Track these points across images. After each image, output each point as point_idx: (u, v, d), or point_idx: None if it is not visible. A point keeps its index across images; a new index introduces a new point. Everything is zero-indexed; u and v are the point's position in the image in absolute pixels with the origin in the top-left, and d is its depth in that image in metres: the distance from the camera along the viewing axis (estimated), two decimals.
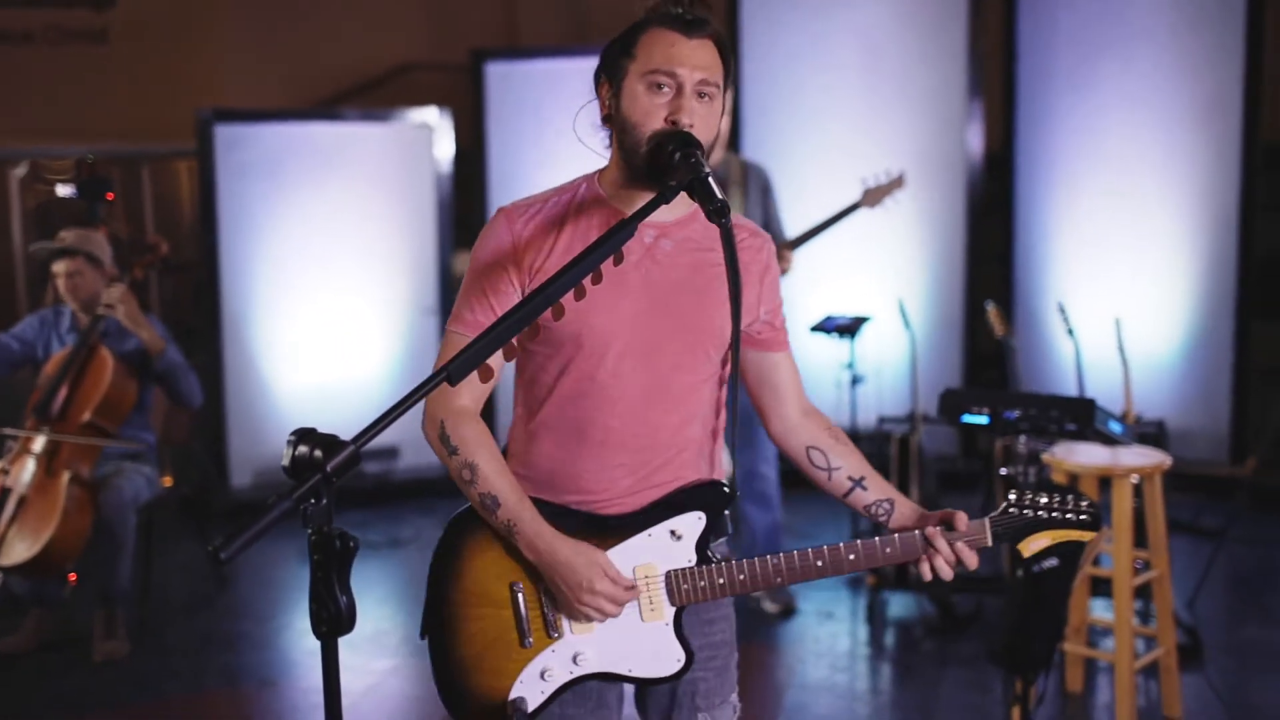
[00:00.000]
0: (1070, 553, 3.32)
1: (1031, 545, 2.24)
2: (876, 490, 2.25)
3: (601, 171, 2.20)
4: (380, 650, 4.85)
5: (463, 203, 7.45)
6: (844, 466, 2.26)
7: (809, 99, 7.17)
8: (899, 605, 5.23)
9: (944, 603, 5.01)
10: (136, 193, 8.57)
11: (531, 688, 2.15)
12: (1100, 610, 4.59)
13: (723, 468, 2.27)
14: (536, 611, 2.15)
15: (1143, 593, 4.65)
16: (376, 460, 6.96)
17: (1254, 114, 6.77)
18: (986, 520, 2.19)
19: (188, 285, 8.40)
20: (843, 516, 6.05)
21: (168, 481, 5.30)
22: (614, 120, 2.12)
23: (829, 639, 4.90)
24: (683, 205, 2.11)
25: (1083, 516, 2.20)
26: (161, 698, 4.49)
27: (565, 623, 2.15)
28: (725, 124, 2.25)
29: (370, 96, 9.47)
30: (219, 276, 6.76)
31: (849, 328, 5.42)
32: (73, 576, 4.82)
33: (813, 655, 4.71)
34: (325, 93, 9.55)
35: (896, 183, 5.24)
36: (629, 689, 2.28)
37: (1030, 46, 7.18)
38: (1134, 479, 4.00)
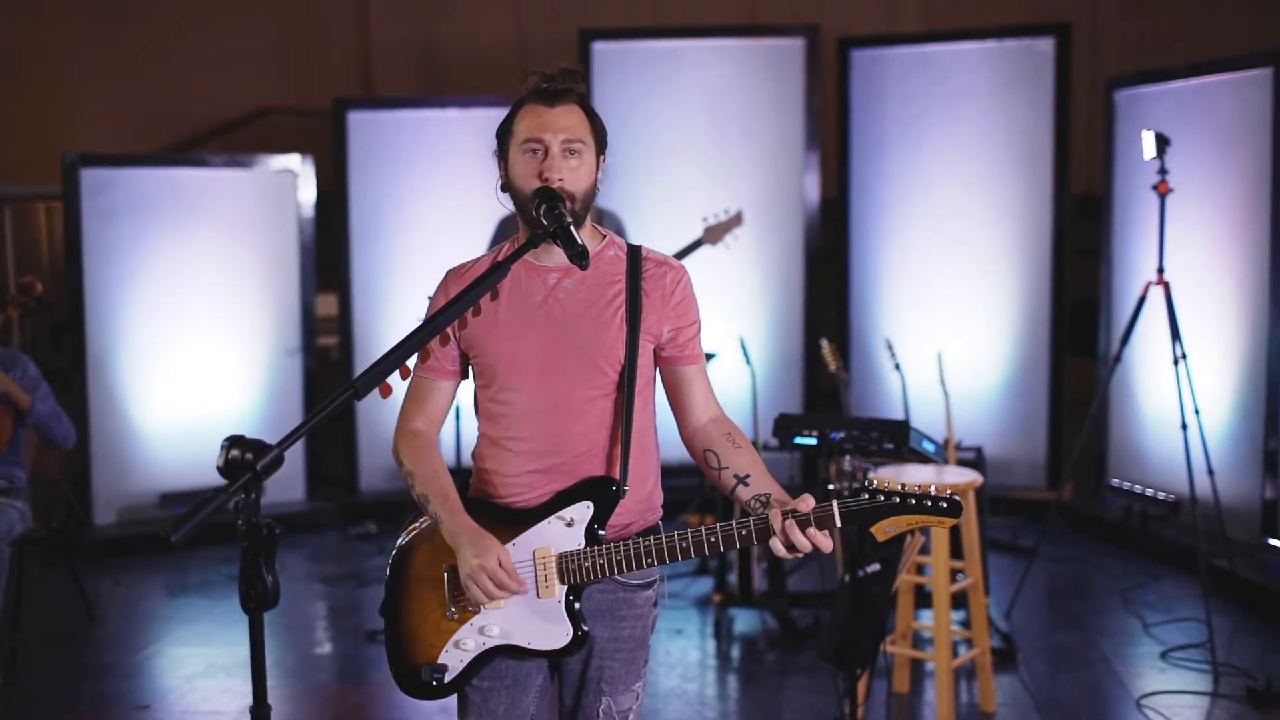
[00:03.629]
0: (890, 558, 3.73)
1: (886, 529, 2.37)
2: (757, 486, 2.48)
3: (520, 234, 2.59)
4: None
5: (324, 246, 7.67)
6: (731, 466, 2.53)
7: (658, 149, 7.57)
8: (744, 621, 5.61)
9: (785, 617, 5.41)
10: None
11: (452, 656, 2.52)
12: (927, 619, 5.03)
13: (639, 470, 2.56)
14: (460, 591, 2.50)
15: (963, 603, 5.11)
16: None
17: (1063, 168, 7.41)
18: (834, 502, 2.36)
19: (46, 326, 8.45)
20: None
21: None
22: (507, 186, 2.53)
23: (679, 652, 5.25)
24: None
25: (942, 504, 2.36)
26: None
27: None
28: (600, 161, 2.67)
29: (225, 140, 9.62)
30: (84, 317, 6.87)
31: None
32: None
33: (664, 667, 5.05)
34: (180, 135, 9.68)
35: (735, 220, 5.65)
36: (541, 677, 2.61)
37: (862, 102, 7.72)
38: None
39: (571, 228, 2.37)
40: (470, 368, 2.61)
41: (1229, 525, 6.02)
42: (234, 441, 1.89)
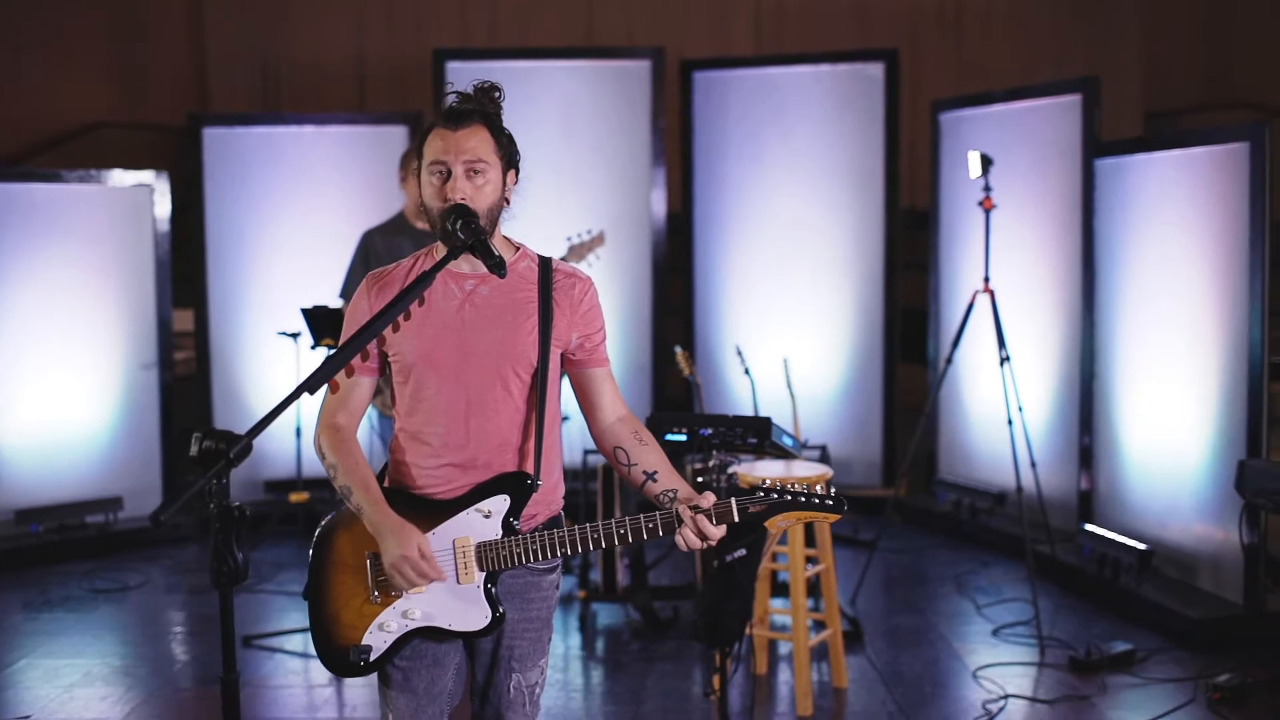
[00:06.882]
0: (755, 544, 4.05)
1: (779, 523, 2.68)
2: (665, 482, 2.76)
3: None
4: (133, 682, 5.14)
5: (180, 260, 7.70)
6: (640, 463, 2.80)
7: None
8: (607, 615, 5.89)
9: (647, 610, 5.70)
10: None
11: (376, 638, 2.71)
12: (779, 605, 5.39)
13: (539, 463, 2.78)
14: (383, 576, 2.69)
15: (814, 591, 5.49)
16: (99, 510, 7.11)
17: (894, 184, 7.89)
18: (733, 500, 2.64)
19: None
20: None
21: None
22: (421, 205, 2.75)
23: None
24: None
25: (829, 501, 2.68)
26: None
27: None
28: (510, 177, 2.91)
29: (56, 154, 9.50)
30: None
31: None
32: None
33: None
34: (11, 150, 9.54)
35: (598, 240, 5.95)
36: (459, 656, 2.83)
37: (704, 122, 8.10)
38: None
39: (488, 241, 2.62)
40: (389, 365, 2.79)
41: (1050, 514, 6.53)
42: (205, 433, 2.10)
